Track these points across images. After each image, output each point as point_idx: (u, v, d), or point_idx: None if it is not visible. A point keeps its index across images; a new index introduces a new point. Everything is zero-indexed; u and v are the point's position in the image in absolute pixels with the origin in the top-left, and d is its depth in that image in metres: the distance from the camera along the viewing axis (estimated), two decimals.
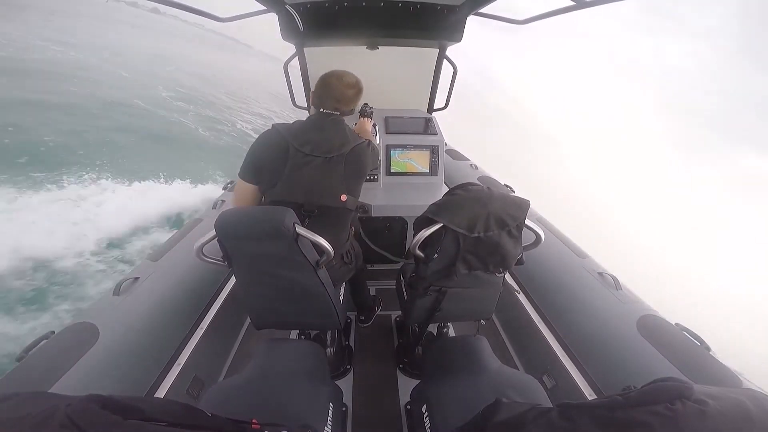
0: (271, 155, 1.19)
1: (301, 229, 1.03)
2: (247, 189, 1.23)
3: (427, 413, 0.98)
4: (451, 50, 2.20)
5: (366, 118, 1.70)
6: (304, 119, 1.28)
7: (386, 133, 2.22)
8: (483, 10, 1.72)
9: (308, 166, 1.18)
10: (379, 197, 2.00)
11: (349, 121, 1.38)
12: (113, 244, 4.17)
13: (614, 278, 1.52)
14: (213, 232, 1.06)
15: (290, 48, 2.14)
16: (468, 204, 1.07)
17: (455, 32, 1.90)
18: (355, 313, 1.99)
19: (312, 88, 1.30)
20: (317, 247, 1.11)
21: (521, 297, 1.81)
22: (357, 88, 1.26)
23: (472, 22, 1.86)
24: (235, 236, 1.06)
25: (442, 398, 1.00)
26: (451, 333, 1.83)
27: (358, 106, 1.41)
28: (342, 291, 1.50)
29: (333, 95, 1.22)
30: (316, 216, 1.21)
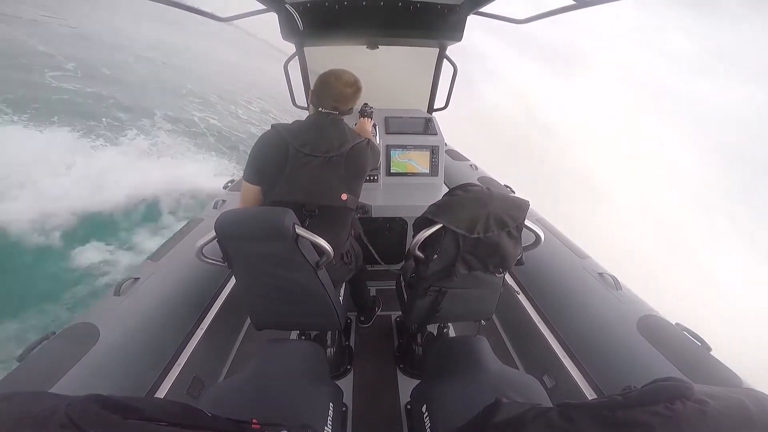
0: (271, 156, 1.20)
1: (300, 230, 1.03)
2: (252, 190, 1.24)
3: (427, 413, 0.98)
4: (451, 50, 2.20)
5: (366, 118, 1.70)
6: (303, 119, 1.28)
7: (386, 134, 2.22)
8: (483, 10, 1.72)
9: (308, 166, 1.18)
10: (379, 198, 2.00)
11: (349, 121, 1.38)
12: None
13: (614, 278, 1.52)
14: (213, 233, 1.06)
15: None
16: (468, 204, 1.07)
17: (455, 32, 1.90)
18: (355, 313, 1.99)
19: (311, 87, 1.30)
20: (317, 247, 1.11)
21: (521, 297, 1.81)
22: (355, 86, 1.25)
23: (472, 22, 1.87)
24: (235, 237, 1.07)
25: (443, 398, 1.00)
26: (452, 333, 1.83)
27: (358, 106, 1.41)
28: (342, 291, 1.50)
29: (331, 94, 1.22)
30: (316, 216, 1.21)
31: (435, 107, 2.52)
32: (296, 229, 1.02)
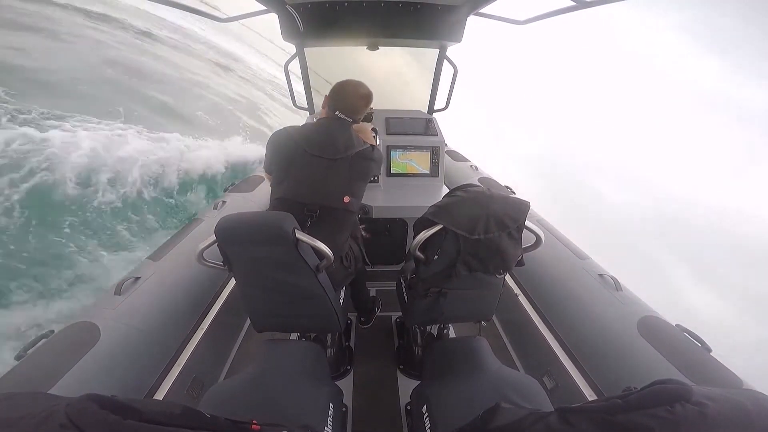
0: (281, 153, 1.27)
1: (300, 234, 1.03)
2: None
3: (427, 414, 0.98)
4: (451, 50, 2.20)
5: (365, 123, 1.71)
6: (314, 121, 1.32)
7: (387, 134, 2.22)
8: (483, 10, 1.72)
9: (314, 166, 1.22)
10: (380, 198, 2.00)
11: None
12: None
13: (614, 279, 1.52)
14: (213, 237, 1.07)
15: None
16: (468, 205, 1.07)
17: (455, 32, 1.90)
18: (356, 314, 1.99)
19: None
20: (317, 251, 1.11)
21: (522, 298, 1.80)
22: (367, 100, 1.32)
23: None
24: (235, 242, 1.07)
25: (443, 399, 1.00)
26: (452, 334, 1.83)
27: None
28: (342, 294, 1.50)
29: (344, 101, 1.28)
30: (317, 216, 1.22)
31: (435, 108, 2.53)
32: (296, 234, 1.02)
